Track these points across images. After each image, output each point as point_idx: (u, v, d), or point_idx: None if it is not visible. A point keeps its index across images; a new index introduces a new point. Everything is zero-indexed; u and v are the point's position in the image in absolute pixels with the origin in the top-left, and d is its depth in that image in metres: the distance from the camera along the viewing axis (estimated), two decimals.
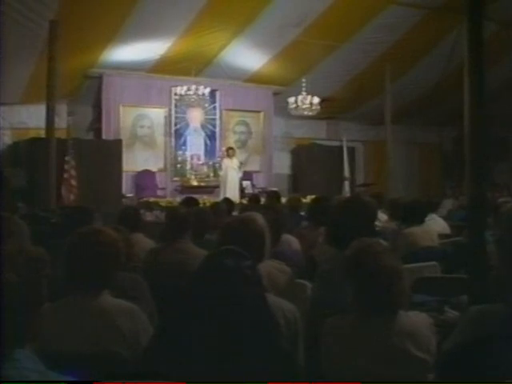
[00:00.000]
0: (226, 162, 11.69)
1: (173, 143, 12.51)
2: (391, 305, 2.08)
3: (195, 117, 12.73)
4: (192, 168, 12.48)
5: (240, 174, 11.67)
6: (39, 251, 1.47)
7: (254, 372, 1.64)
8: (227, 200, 7.49)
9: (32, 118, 10.78)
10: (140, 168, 12.05)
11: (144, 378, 1.72)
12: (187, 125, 12.70)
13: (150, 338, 2.04)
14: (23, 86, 10.12)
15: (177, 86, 11.86)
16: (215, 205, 6.34)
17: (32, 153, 10.08)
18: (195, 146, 12.75)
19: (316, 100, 11.89)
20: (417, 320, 2.13)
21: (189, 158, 12.55)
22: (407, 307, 2.15)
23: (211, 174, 12.26)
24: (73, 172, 10.17)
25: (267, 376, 1.65)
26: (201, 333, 1.66)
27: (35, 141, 9.97)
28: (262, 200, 8.17)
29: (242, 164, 11.93)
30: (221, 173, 11.70)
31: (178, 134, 12.59)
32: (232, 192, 11.05)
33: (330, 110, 13.13)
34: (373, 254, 2.12)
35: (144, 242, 4.32)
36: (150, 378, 1.69)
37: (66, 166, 10.10)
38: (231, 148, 11.99)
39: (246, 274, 1.75)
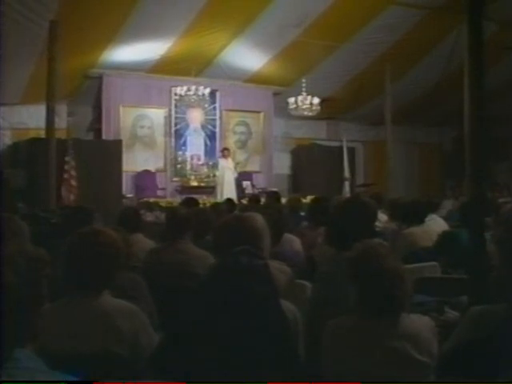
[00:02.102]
0: (222, 162, 11.74)
1: (173, 143, 12.51)
2: (394, 308, 2.07)
3: (195, 117, 12.74)
4: (192, 168, 12.48)
5: (235, 175, 11.70)
6: (39, 251, 1.47)
7: (266, 370, 1.65)
8: (229, 201, 7.49)
9: (32, 118, 10.78)
10: (140, 168, 12.05)
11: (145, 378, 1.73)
12: (187, 125, 12.71)
13: (161, 338, 2.04)
14: (23, 86, 10.12)
15: (177, 86, 11.87)
16: (216, 205, 6.34)
17: (32, 153, 10.08)
18: (195, 146, 12.76)
19: (316, 100, 11.88)
20: (419, 323, 2.13)
21: (189, 159, 12.55)
22: (409, 309, 2.15)
23: (211, 175, 12.26)
24: (73, 172, 10.17)
25: (279, 375, 1.66)
26: (214, 331, 1.67)
27: (35, 141, 9.97)
28: (262, 200, 8.17)
29: (237, 164, 11.96)
30: (217, 173, 11.71)
31: (178, 135, 12.59)
32: (229, 192, 11.07)
33: (330, 111, 13.13)
34: (376, 256, 2.11)
35: (144, 243, 4.32)
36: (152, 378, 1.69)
37: (66, 167, 10.10)
38: (226, 149, 12.04)
39: (259, 273, 1.76)
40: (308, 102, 11.87)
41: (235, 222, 2.59)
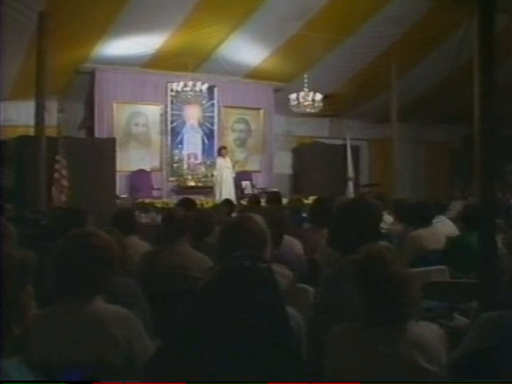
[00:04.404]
0: (220, 161, 11.74)
1: (169, 142, 12.51)
2: (400, 314, 2.07)
3: (192, 114, 12.73)
4: (189, 168, 12.49)
5: (233, 174, 11.70)
6: (25, 256, 1.46)
7: (268, 374, 1.65)
8: (227, 201, 7.50)
9: (21, 115, 10.77)
10: (134, 168, 12.04)
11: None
12: (184, 122, 12.70)
13: (158, 346, 2.04)
14: (11, 81, 10.11)
15: (173, 81, 11.86)
16: (215, 206, 6.36)
17: (21, 152, 10.06)
18: (192, 144, 12.75)
19: (318, 97, 11.89)
20: (427, 330, 2.12)
21: (186, 158, 12.56)
22: (417, 317, 2.14)
23: (209, 174, 12.26)
24: (64, 172, 10.15)
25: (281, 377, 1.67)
26: (215, 338, 1.67)
27: (24, 139, 9.95)
28: (263, 201, 8.17)
29: (236, 163, 11.97)
30: (215, 173, 11.72)
31: (174, 132, 12.58)
32: (227, 192, 11.08)
33: (333, 107, 13.13)
34: (382, 260, 2.10)
35: (139, 245, 4.32)
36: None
37: (56, 166, 10.08)
38: (224, 147, 12.05)
39: (263, 277, 1.76)
40: (310, 98, 11.87)
41: (236, 224, 2.59)
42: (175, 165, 12.50)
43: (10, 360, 1.33)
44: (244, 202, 9.95)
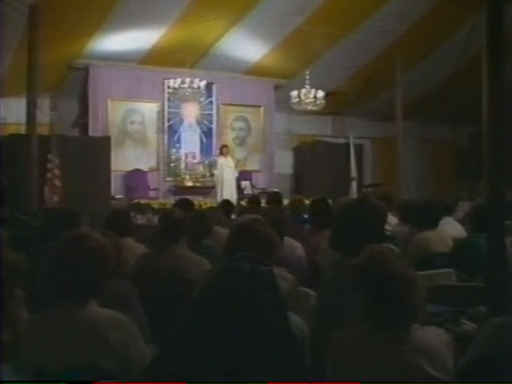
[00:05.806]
0: (221, 160, 11.73)
1: (166, 140, 12.52)
2: (404, 318, 2.06)
3: (190, 112, 12.74)
4: (187, 167, 12.50)
5: (236, 174, 11.70)
6: (15, 259, 1.46)
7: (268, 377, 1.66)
8: (227, 202, 7.50)
9: (11, 112, 10.75)
10: (130, 167, 12.06)
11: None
12: (181, 120, 12.71)
13: (155, 352, 2.04)
14: (1, 77, 10.10)
15: (170, 78, 11.87)
16: (213, 207, 6.37)
17: (11, 150, 10.03)
18: (190, 143, 12.77)
19: (320, 94, 11.88)
20: (433, 335, 2.11)
21: (183, 157, 12.57)
22: (422, 320, 2.13)
23: (207, 174, 12.27)
24: (56, 171, 10.13)
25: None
26: (212, 344, 1.67)
27: (15, 137, 9.93)
28: (263, 201, 8.17)
29: (238, 162, 11.97)
30: (216, 172, 11.72)
31: (171, 131, 12.60)
32: (229, 193, 11.08)
33: (336, 105, 13.14)
34: (384, 261, 2.10)
35: (134, 247, 4.32)
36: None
37: (49, 165, 10.06)
38: (225, 146, 12.04)
39: (263, 280, 1.76)
40: (312, 95, 11.87)
41: (249, 226, 2.60)
42: (172, 164, 12.51)
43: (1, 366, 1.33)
44: (244, 203, 9.94)
